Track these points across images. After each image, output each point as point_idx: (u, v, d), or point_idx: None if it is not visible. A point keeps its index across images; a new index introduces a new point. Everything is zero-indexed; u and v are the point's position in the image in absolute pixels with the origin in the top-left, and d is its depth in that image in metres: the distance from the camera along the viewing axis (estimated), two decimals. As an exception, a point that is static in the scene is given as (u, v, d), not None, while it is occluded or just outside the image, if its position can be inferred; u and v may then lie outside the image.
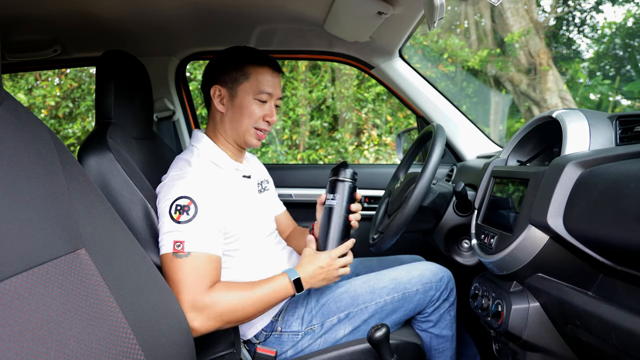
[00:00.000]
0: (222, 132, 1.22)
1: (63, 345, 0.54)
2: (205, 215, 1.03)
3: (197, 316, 0.96)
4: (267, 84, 1.18)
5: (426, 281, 1.21)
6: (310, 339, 1.16)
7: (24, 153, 0.61)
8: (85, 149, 1.06)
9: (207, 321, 0.97)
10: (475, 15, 6.91)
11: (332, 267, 1.11)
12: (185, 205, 1.02)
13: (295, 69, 6.18)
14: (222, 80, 1.19)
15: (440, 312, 1.23)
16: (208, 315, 0.97)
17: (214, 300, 0.98)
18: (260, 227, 1.23)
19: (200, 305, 0.97)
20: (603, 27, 6.61)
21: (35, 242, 0.56)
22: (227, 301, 1.00)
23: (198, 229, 1.01)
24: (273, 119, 1.21)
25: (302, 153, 6.18)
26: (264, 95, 1.18)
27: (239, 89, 1.18)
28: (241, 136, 1.20)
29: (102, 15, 1.33)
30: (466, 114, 1.79)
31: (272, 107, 1.22)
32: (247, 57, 1.19)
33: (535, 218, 0.79)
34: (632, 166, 0.65)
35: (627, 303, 0.65)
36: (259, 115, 1.19)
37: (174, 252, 0.99)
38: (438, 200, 1.22)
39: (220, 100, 1.20)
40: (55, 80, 6.09)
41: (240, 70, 1.18)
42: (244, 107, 1.18)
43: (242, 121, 1.18)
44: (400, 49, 1.66)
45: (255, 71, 1.18)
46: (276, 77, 1.21)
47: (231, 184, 1.18)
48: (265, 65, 1.19)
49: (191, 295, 0.97)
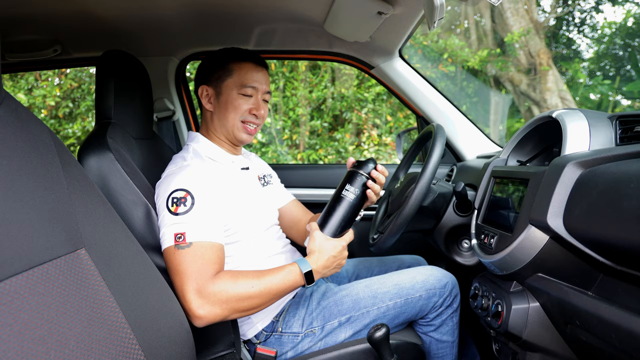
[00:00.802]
0: (213, 130, 1.25)
1: (63, 345, 0.54)
2: (203, 205, 1.03)
3: (203, 304, 0.94)
4: (250, 78, 1.20)
5: (430, 287, 1.20)
6: (310, 341, 1.16)
7: (24, 153, 0.61)
8: (85, 149, 1.06)
9: (213, 309, 0.95)
10: (475, 15, 6.90)
11: (343, 255, 1.10)
12: (182, 197, 1.02)
13: (295, 69, 6.18)
14: (208, 80, 1.23)
15: (443, 317, 1.23)
16: (214, 303, 0.95)
17: (220, 287, 0.96)
18: (259, 220, 1.23)
19: (206, 293, 0.95)
20: (603, 27, 6.62)
21: (35, 242, 0.56)
22: (234, 289, 0.97)
23: (197, 219, 1.01)
24: (260, 112, 1.22)
25: (302, 153, 6.18)
26: (247, 89, 1.20)
27: (223, 85, 1.21)
28: (230, 132, 1.22)
29: (102, 15, 1.33)
30: (466, 114, 1.79)
31: (259, 101, 1.23)
32: (230, 55, 1.23)
33: (535, 218, 0.79)
34: (632, 166, 0.65)
35: (627, 303, 0.65)
36: (245, 109, 1.21)
37: (176, 245, 0.98)
38: (438, 200, 1.22)
39: (208, 99, 1.24)
40: (55, 80, 6.09)
41: (223, 68, 1.21)
42: (229, 102, 1.20)
43: (228, 116, 1.20)
44: (400, 49, 1.66)
45: (238, 67, 1.21)
46: (260, 71, 1.23)
47: (228, 176, 1.19)
48: (247, 61, 1.22)
49: (196, 284, 0.95)
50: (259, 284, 1.00)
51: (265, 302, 1.02)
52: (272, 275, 1.02)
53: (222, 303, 0.95)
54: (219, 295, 0.95)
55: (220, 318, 0.96)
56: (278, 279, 1.02)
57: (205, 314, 0.94)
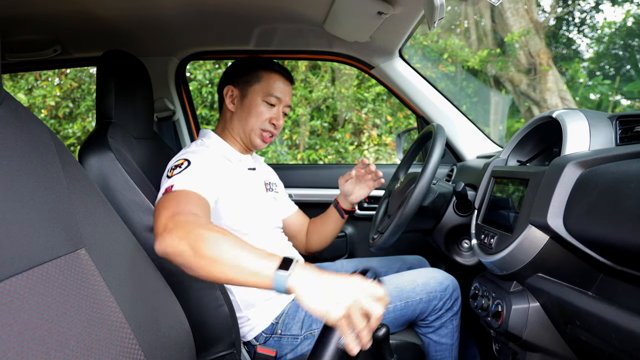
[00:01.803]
0: (230, 130, 1.28)
1: (63, 345, 0.54)
2: (197, 167, 1.05)
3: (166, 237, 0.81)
4: (277, 89, 1.26)
5: (430, 290, 1.20)
6: (310, 343, 1.15)
7: (24, 153, 0.61)
8: (85, 148, 1.06)
9: (173, 236, 0.80)
10: (475, 15, 6.91)
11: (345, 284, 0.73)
12: (180, 163, 1.06)
13: (295, 69, 6.18)
14: (236, 82, 1.28)
15: (442, 320, 1.22)
16: (177, 231, 0.80)
17: (187, 220, 0.83)
18: (261, 219, 1.25)
19: (172, 224, 0.82)
20: (603, 27, 6.62)
21: (35, 242, 0.56)
22: (206, 229, 0.80)
23: (188, 175, 1.02)
24: (279, 122, 1.28)
25: (302, 153, 6.18)
26: (272, 98, 1.25)
27: (250, 89, 1.26)
28: (247, 135, 1.26)
29: (102, 15, 1.33)
30: (466, 114, 1.79)
31: (280, 112, 1.29)
32: (263, 64, 1.29)
33: (535, 218, 0.79)
34: (632, 166, 0.65)
35: (627, 303, 0.65)
36: (266, 117, 1.26)
37: (163, 194, 0.97)
38: (438, 200, 1.22)
39: (231, 99, 1.28)
40: (55, 80, 6.09)
41: (253, 74, 1.27)
42: (252, 107, 1.25)
43: (249, 120, 1.25)
44: (400, 49, 1.66)
45: (268, 76, 1.27)
46: (287, 85, 1.30)
47: (234, 171, 1.21)
48: (278, 73, 1.29)
49: (167, 215, 0.85)
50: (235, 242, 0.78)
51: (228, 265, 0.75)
52: (251, 249, 0.77)
53: (184, 234, 0.79)
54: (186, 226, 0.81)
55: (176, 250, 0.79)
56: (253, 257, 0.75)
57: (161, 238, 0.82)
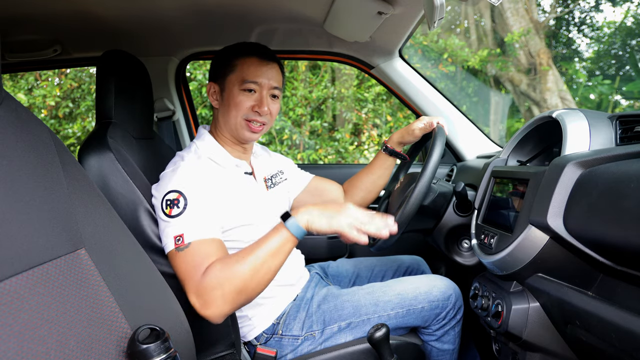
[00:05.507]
0: (219, 128, 1.22)
1: (63, 345, 0.54)
2: (196, 204, 1.02)
3: (204, 303, 0.92)
4: (252, 73, 1.15)
5: (433, 299, 1.18)
6: (310, 344, 1.15)
7: (24, 153, 0.61)
8: (85, 148, 1.06)
9: (213, 304, 0.92)
10: (475, 15, 6.91)
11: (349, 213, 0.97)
12: (175, 198, 1.02)
13: (295, 69, 6.18)
14: (215, 77, 1.22)
15: (445, 329, 1.21)
16: (213, 299, 0.92)
17: (210, 280, 0.93)
18: (260, 227, 1.19)
19: (202, 290, 0.93)
20: (602, 27, 6.62)
21: (35, 242, 0.56)
22: (224, 277, 0.93)
23: (192, 218, 1.00)
24: (263, 108, 1.15)
25: (302, 153, 6.18)
26: (249, 84, 1.15)
27: (226, 82, 1.18)
28: (234, 130, 1.18)
29: (102, 15, 1.33)
30: (466, 114, 1.79)
31: (263, 97, 1.17)
32: (234, 51, 1.20)
33: (535, 218, 0.79)
34: (632, 166, 0.65)
35: (627, 303, 0.65)
36: (247, 106, 1.16)
37: (176, 247, 0.98)
38: (438, 200, 1.22)
39: (214, 97, 1.22)
40: (55, 80, 6.09)
41: (227, 64, 1.18)
42: (231, 99, 1.16)
43: (230, 113, 1.16)
44: (400, 49, 1.66)
45: (241, 62, 1.17)
46: (265, 65, 1.17)
47: (228, 180, 1.16)
48: (251, 56, 1.17)
49: (193, 283, 0.94)
50: (247, 260, 0.95)
51: (263, 275, 0.96)
52: (259, 246, 0.97)
53: (217, 296, 0.92)
54: (213, 290, 0.92)
55: (228, 309, 0.94)
56: (265, 247, 0.96)
57: (211, 313, 0.92)
